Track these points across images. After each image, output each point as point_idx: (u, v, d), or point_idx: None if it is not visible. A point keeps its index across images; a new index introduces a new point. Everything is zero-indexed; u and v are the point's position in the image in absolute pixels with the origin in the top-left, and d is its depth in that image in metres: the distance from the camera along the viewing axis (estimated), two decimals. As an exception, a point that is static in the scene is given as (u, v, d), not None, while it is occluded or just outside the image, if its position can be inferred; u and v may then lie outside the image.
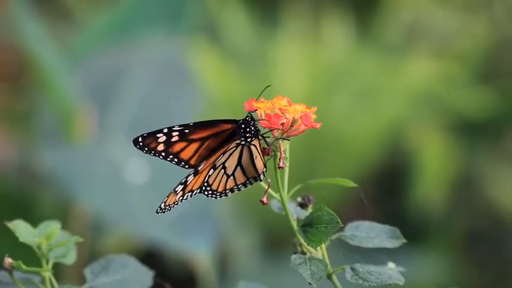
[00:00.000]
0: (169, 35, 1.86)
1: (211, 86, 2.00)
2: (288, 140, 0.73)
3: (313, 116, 0.73)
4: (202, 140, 0.76)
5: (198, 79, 1.80)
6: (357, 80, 2.14)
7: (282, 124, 0.72)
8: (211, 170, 0.75)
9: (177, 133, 0.76)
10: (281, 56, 2.11)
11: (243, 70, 2.10)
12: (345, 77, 2.13)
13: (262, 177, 0.75)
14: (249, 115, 0.74)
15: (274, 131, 0.72)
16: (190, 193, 0.76)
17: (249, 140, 0.74)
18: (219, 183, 0.75)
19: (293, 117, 0.72)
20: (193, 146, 0.76)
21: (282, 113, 0.72)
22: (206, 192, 0.76)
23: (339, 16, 2.27)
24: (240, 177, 0.75)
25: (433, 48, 2.35)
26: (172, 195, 0.76)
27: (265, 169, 0.74)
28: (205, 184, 0.75)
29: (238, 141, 0.74)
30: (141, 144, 0.77)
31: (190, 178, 0.75)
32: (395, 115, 2.12)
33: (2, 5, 2.11)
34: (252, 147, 0.74)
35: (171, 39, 1.85)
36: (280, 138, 0.72)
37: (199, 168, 0.75)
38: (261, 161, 0.74)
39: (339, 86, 2.12)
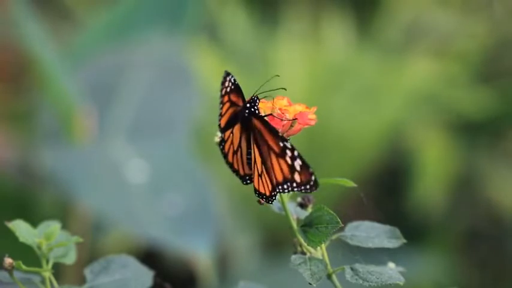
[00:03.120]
0: (170, 35, 1.86)
1: (211, 86, 2.00)
2: (289, 139, 0.72)
3: (313, 116, 0.73)
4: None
5: (198, 79, 1.80)
6: (357, 80, 2.14)
7: (283, 125, 0.72)
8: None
9: None
10: (281, 56, 2.11)
11: (243, 70, 2.10)
12: (345, 77, 2.13)
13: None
14: (256, 97, 0.72)
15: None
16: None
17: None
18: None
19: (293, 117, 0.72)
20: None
21: (283, 113, 0.72)
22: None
23: (338, 16, 2.27)
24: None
25: (433, 48, 2.35)
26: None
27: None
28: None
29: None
30: None
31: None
32: (395, 115, 2.12)
33: (2, 5, 2.11)
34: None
35: (171, 39, 1.85)
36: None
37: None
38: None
39: (339, 86, 2.12)
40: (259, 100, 0.72)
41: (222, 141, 0.72)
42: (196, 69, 1.82)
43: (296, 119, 0.71)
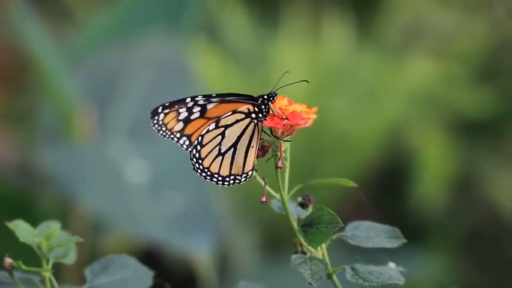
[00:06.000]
0: (169, 35, 1.86)
1: (211, 86, 2.00)
2: (290, 140, 0.72)
3: (314, 116, 0.73)
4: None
5: (198, 79, 1.80)
6: (357, 80, 2.14)
7: (283, 124, 0.72)
8: (213, 125, 0.73)
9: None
10: (281, 56, 2.11)
11: (243, 70, 2.10)
12: (345, 77, 2.13)
13: (243, 178, 0.73)
14: (275, 93, 0.73)
15: (277, 130, 0.72)
16: (186, 139, 0.73)
17: (260, 116, 0.72)
18: (209, 154, 0.72)
19: (293, 117, 0.72)
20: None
21: (283, 113, 0.72)
22: (194, 150, 0.73)
23: (339, 16, 2.27)
24: (225, 168, 0.72)
25: (433, 48, 2.35)
26: (174, 112, 0.73)
27: (251, 171, 0.72)
28: (199, 139, 0.73)
29: (251, 109, 0.73)
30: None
31: (196, 114, 0.73)
32: (395, 115, 2.12)
33: (2, 5, 2.11)
34: (256, 131, 0.72)
35: (171, 39, 1.85)
36: (281, 139, 0.72)
37: (208, 107, 0.73)
38: (253, 156, 0.73)
39: (339, 86, 2.12)
40: (275, 96, 0.73)
41: None
42: (196, 69, 1.82)
43: (287, 119, 0.71)
